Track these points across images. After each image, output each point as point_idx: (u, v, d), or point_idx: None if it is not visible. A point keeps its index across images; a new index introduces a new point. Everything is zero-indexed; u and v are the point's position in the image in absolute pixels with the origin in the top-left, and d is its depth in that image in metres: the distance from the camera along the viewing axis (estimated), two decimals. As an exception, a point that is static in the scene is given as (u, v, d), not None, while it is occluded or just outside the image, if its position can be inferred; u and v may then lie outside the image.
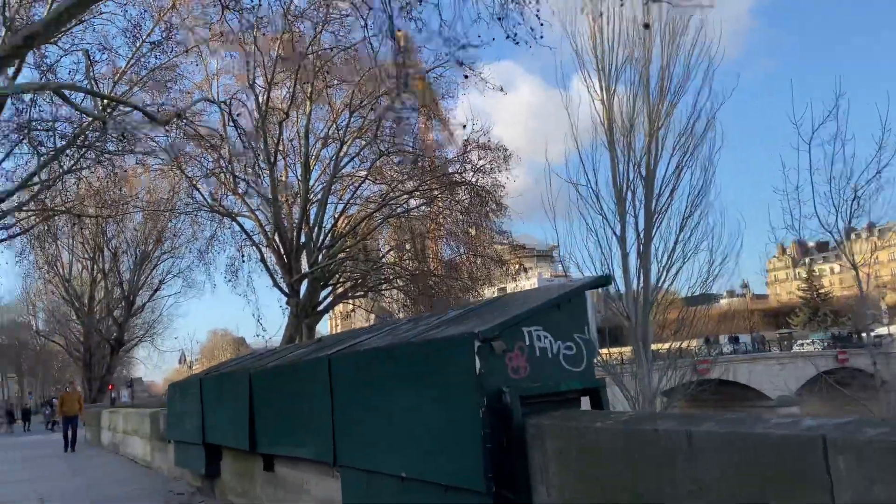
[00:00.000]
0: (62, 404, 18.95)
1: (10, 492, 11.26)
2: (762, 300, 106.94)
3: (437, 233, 27.87)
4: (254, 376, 6.65)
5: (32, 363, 79.51)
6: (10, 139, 18.35)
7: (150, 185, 27.40)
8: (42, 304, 60.49)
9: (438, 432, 3.74)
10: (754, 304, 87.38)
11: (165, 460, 11.20)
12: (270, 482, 6.74)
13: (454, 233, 27.63)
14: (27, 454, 19.49)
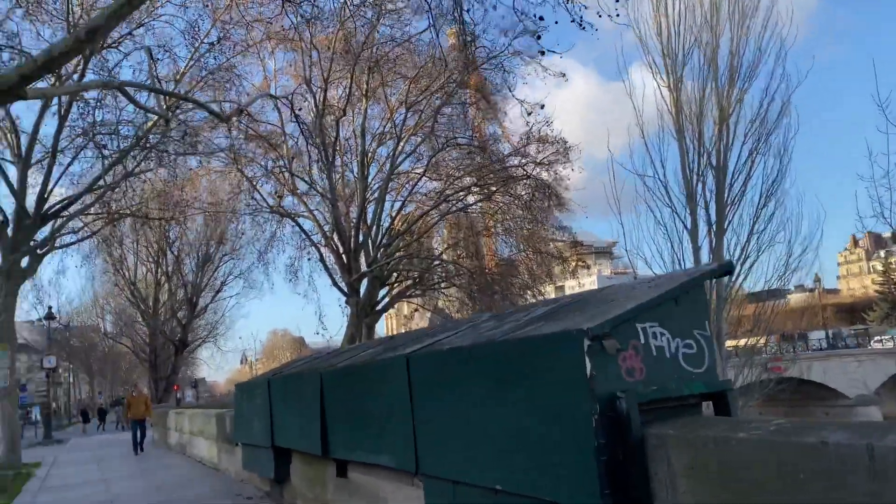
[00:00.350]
0: (129, 407, 18.89)
1: (84, 493, 11.35)
2: (833, 295, 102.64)
3: (495, 229, 27.42)
4: (325, 377, 6.35)
5: (102, 364, 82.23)
6: (76, 143, 18.74)
7: (211, 186, 27.76)
8: (109, 306, 62.44)
9: (540, 442, 3.32)
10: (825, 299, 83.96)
11: (233, 462, 11.08)
12: (343, 489, 6.45)
13: (511, 229, 27.13)
14: (99, 454, 19.90)
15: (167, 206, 23.87)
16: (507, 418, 3.58)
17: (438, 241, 28.86)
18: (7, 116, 19.25)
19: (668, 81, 22.27)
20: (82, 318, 69.38)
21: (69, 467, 16.46)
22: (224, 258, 50.42)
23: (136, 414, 18.30)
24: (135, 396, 19.34)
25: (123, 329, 59.83)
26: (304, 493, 7.51)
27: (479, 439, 3.85)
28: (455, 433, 4.12)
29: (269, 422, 7.97)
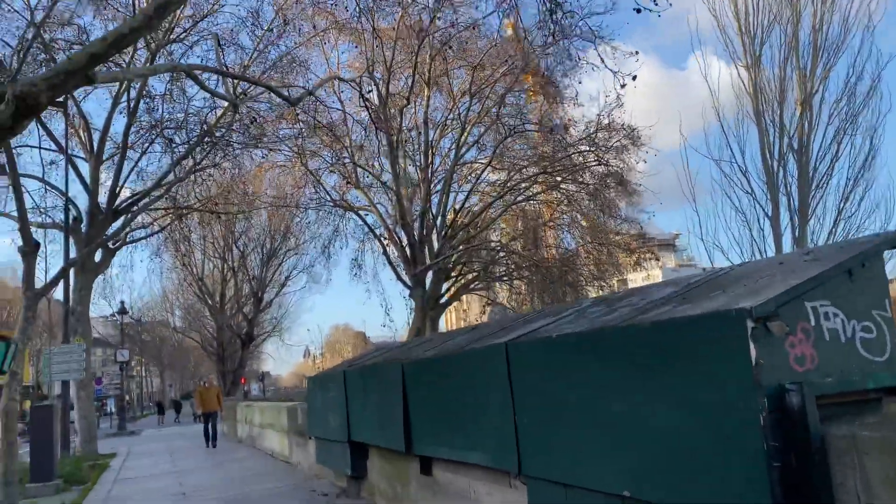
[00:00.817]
0: (200, 400, 18.45)
1: (158, 485, 11.32)
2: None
3: (560, 220, 26.69)
4: (407, 368, 5.95)
5: (172, 358, 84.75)
6: (145, 138, 18.99)
7: (275, 181, 27.88)
8: (178, 301, 64.13)
9: (687, 442, 2.81)
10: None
11: (305, 456, 10.87)
12: (428, 487, 6.04)
13: (576, 221, 26.35)
14: (171, 445, 20.16)
15: (233, 200, 24.02)
16: (640, 414, 3.08)
17: (499, 234, 28.30)
18: (79, 113, 19.66)
19: (745, 61, 21.12)
20: (153, 314, 71.48)
21: (143, 459, 16.66)
22: (288, 253, 51.15)
23: (208, 406, 18.00)
24: (206, 388, 19.00)
25: (192, 324, 61.40)
26: (384, 490, 7.15)
27: (601, 437, 3.36)
28: (568, 430, 3.64)
29: (345, 415, 7.64)
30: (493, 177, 23.50)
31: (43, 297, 10.10)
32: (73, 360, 15.51)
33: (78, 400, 18.49)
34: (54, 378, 15.46)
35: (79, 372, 15.61)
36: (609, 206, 24.32)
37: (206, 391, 18.68)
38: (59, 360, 15.57)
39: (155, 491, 10.72)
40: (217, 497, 9.25)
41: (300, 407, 11.36)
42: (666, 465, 2.93)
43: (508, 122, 21.18)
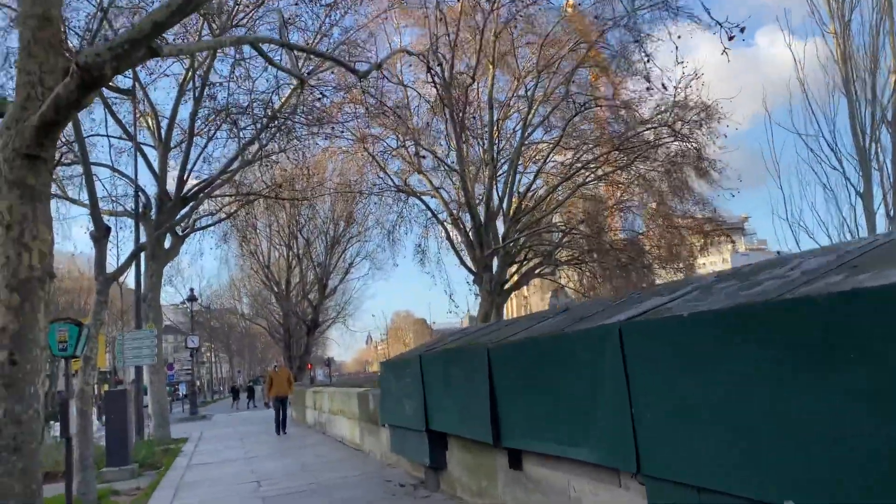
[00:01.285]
0: (271, 384, 17.69)
1: (230, 471, 11.20)
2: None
3: (629, 202, 25.70)
4: (494, 353, 5.46)
5: (240, 344, 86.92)
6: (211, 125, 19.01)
7: (338, 167, 27.78)
8: (245, 288, 65.49)
9: (882, 445, 2.22)
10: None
11: (378, 444, 10.54)
12: (518, 483, 5.55)
13: (645, 203, 25.34)
14: (241, 431, 20.29)
15: (297, 187, 23.98)
16: (816, 407, 2.49)
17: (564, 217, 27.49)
18: (146, 101, 19.85)
19: (833, 27, 19.74)
20: (221, 301, 73.29)
21: (214, 444, 16.73)
22: (351, 240, 51.44)
23: (279, 391, 17.35)
24: (277, 372, 18.18)
25: (259, 311, 62.61)
26: (466, 483, 6.69)
27: (754, 434, 2.78)
28: (707, 425, 3.07)
29: (422, 403, 7.22)
30: (559, 158, 22.71)
31: (114, 281, 10.05)
32: (145, 345, 15.63)
33: (151, 385, 18.81)
34: (127, 363, 15.63)
35: (151, 357, 15.72)
36: (682, 186, 23.26)
37: (276, 375, 17.96)
38: (132, 345, 15.72)
39: (227, 477, 10.58)
40: (290, 485, 8.99)
41: (371, 393, 11.05)
42: (854, 472, 2.34)
43: (577, 100, 20.35)
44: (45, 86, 6.24)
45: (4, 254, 5.88)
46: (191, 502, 8.63)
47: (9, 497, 5.16)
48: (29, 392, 5.48)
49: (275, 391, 17.45)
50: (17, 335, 5.56)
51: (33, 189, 5.99)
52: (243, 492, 9.01)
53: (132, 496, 10.07)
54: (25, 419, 5.37)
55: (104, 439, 12.66)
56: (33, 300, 5.74)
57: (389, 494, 7.57)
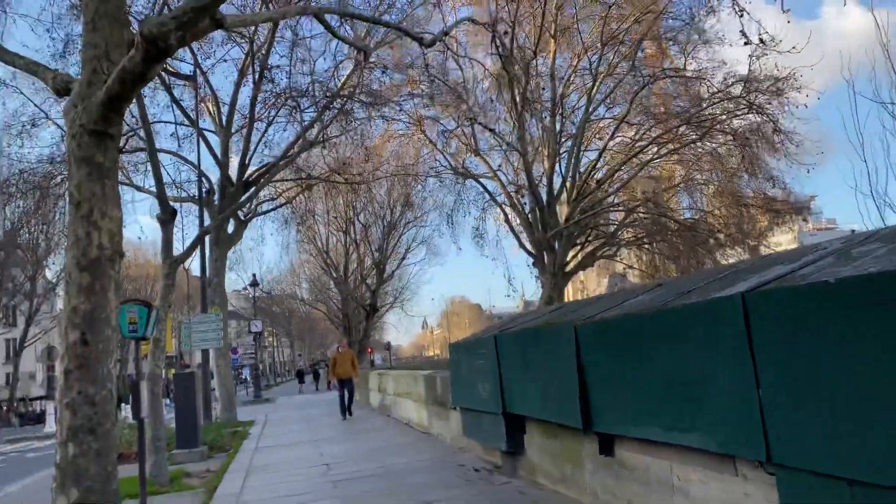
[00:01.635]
0: (334, 366, 17.11)
1: (298, 454, 11.13)
2: None
3: (696, 180, 24.69)
4: (582, 331, 5.07)
5: (300, 329, 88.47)
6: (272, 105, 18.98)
7: (396, 151, 27.56)
8: (305, 274, 66.43)
9: None
10: None
11: (447, 428, 10.29)
12: (609, 470, 5.16)
13: (713, 180, 24.30)
14: (306, 414, 20.41)
15: (356, 171, 23.86)
16: None
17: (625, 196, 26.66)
18: (207, 86, 19.96)
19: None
20: (281, 287, 74.57)
21: (280, 427, 16.82)
22: (408, 225, 51.54)
23: (343, 373, 16.76)
24: (340, 354, 17.59)
25: (318, 295, 63.47)
26: (548, 469, 6.34)
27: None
28: (863, 405, 2.63)
29: (498, 385, 6.88)
30: (621, 136, 21.90)
31: (181, 264, 10.05)
32: (210, 328, 15.77)
33: (217, 368, 19.05)
34: (194, 346, 15.80)
35: (217, 341, 15.86)
36: (752, 161, 22.17)
37: (339, 356, 17.38)
38: (199, 329, 15.88)
39: (296, 460, 10.50)
40: (361, 469, 8.81)
41: (438, 376, 10.79)
42: None
43: (644, 72, 19.52)
44: (111, 60, 6.11)
45: (74, 233, 5.78)
46: (261, 485, 8.54)
47: (85, 478, 5.06)
48: (102, 373, 5.36)
49: (338, 373, 16.91)
50: (89, 315, 5.45)
51: (101, 166, 5.86)
52: (313, 475, 8.88)
53: (203, 478, 10.09)
54: (99, 400, 5.26)
55: (173, 422, 12.81)
56: (103, 280, 5.62)
57: (464, 480, 7.27)
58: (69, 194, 5.87)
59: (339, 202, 52.77)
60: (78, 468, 5.02)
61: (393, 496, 6.86)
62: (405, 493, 6.94)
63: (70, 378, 5.17)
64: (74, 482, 4.97)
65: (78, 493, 4.97)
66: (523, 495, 6.20)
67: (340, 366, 16.94)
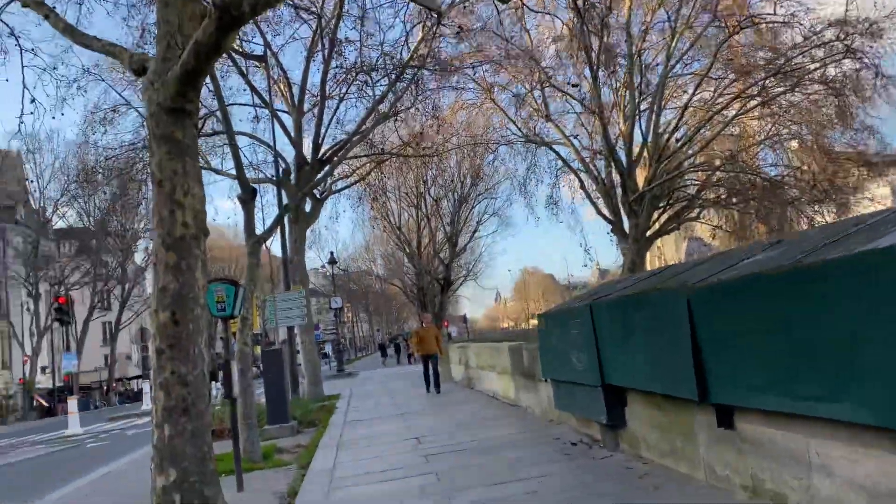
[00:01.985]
0: (418, 342, 16.56)
1: (387, 429, 11.08)
2: None
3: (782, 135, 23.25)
4: (696, 297, 4.64)
5: (377, 304, 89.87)
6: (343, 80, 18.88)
7: (466, 120, 27.10)
8: (379, 250, 67.17)
9: None
10: None
11: (535, 400, 9.99)
12: (728, 444, 4.74)
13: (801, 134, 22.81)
14: (389, 387, 20.54)
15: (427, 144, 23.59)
16: None
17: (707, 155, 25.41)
18: (278, 65, 20.03)
19: None
20: (357, 263, 75.75)
21: (366, 401, 16.93)
22: (479, 197, 51.18)
23: (427, 349, 16.18)
24: (424, 329, 17.02)
25: (393, 271, 64.13)
26: (655, 443, 5.95)
27: None
28: None
29: (595, 355, 6.52)
30: (706, 89, 20.74)
31: (264, 242, 10.06)
32: (294, 306, 15.93)
33: (302, 345, 19.33)
34: (280, 323, 16.00)
35: (301, 317, 16.02)
36: (847, 111, 20.64)
37: (423, 332, 16.79)
38: (283, 306, 16.07)
39: (385, 434, 10.44)
40: (452, 443, 8.64)
41: (525, 347, 10.48)
42: None
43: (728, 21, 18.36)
44: (184, 34, 5.97)
45: (159, 213, 5.71)
46: (353, 460, 8.48)
47: (182, 459, 5.02)
48: (193, 352, 5.29)
49: (423, 349, 16.41)
50: (178, 294, 5.37)
51: (181, 143, 5.75)
52: (404, 449, 8.77)
53: (295, 453, 10.16)
54: (192, 380, 5.19)
55: (261, 398, 13.02)
56: (190, 259, 5.53)
57: (562, 454, 6.98)
58: (151, 174, 5.81)
59: (410, 177, 52.87)
60: (174, 449, 4.98)
61: (491, 471, 6.63)
62: (503, 468, 6.70)
63: (162, 358, 5.12)
64: (172, 463, 4.93)
65: (176, 474, 4.93)
66: (630, 469, 5.85)
67: (425, 342, 16.38)
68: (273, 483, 8.01)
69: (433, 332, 16.82)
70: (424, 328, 17.21)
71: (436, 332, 16.99)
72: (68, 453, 17.07)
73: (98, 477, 10.86)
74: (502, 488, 5.90)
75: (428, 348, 16.30)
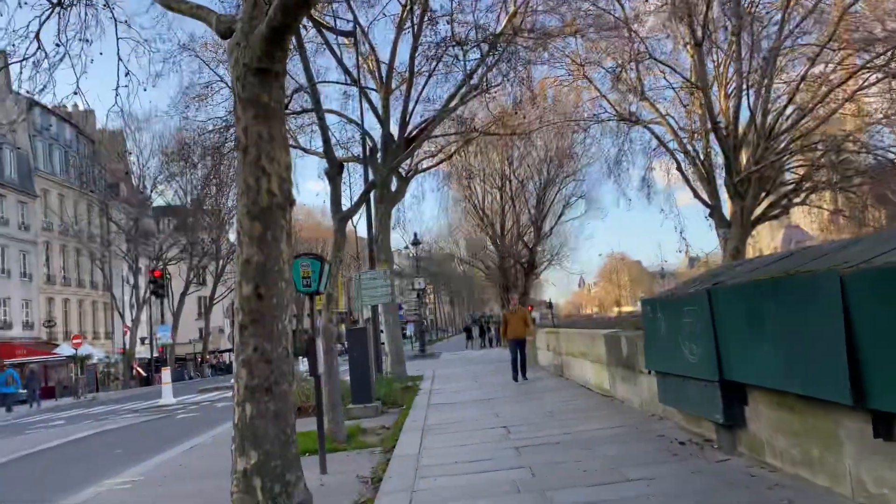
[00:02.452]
0: (506, 325, 15.82)
1: (473, 415, 10.67)
2: None
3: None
4: (853, 282, 3.91)
5: (459, 286, 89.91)
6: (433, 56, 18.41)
7: (555, 98, 26.16)
8: (462, 232, 66.88)
9: None
10: None
11: (635, 393, 9.30)
12: (886, 457, 4.01)
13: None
14: (472, 370, 20.18)
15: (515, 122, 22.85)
16: None
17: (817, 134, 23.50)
18: (367, 42, 19.78)
19: None
20: (440, 245, 75.87)
21: (449, 383, 16.59)
22: (566, 179, 50.01)
23: (515, 332, 15.25)
24: (512, 312, 16.07)
25: (476, 254, 63.74)
26: (784, 449, 5.22)
27: None
28: None
29: (712, 347, 5.82)
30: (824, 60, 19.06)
31: (350, 218, 9.74)
32: (379, 284, 15.71)
33: (386, 324, 19.14)
34: (365, 302, 15.84)
35: (386, 296, 15.79)
36: None
37: (511, 315, 15.87)
38: (368, 285, 15.89)
39: (471, 420, 10.02)
40: (544, 435, 8.10)
41: (623, 336, 9.79)
42: None
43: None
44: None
45: (244, 181, 5.37)
46: (439, 447, 8.09)
47: (264, 441, 4.71)
48: (277, 329, 4.96)
49: (511, 333, 15.46)
50: (262, 267, 5.03)
51: (267, 107, 5.39)
52: (492, 438, 8.30)
53: (379, 435, 9.89)
54: (275, 358, 4.85)
55: (346, 376, 12.84)
56: (275, 230, 5.18)
57: (669, 454, 6.33)
58: (236, 140, 5.51)
59: (495, 158, 52.12)
60: (256, 430, 4.67)
61: (590, 469, 6.06)
62: (603, 466, 6.13)
63: (245, 334, 4.80)
64: (253, 445, 4.62)
65: (257, 457, 4.62)
66: (754, 478, 5.15)
67: (512, 325, 15.50)
68: (357, 466, 7.72)
69: (521, 315, 15.88)
70: (512, 311, 16.27)
71: (524, 315, 16.03)
72: (159, 423, 17.57)
73: (179, 452, 10.92)
74: (607, 490, 5.33)
75: (517, 332, 15.38)
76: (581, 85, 25.50)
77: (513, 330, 15.33)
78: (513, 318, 15.61)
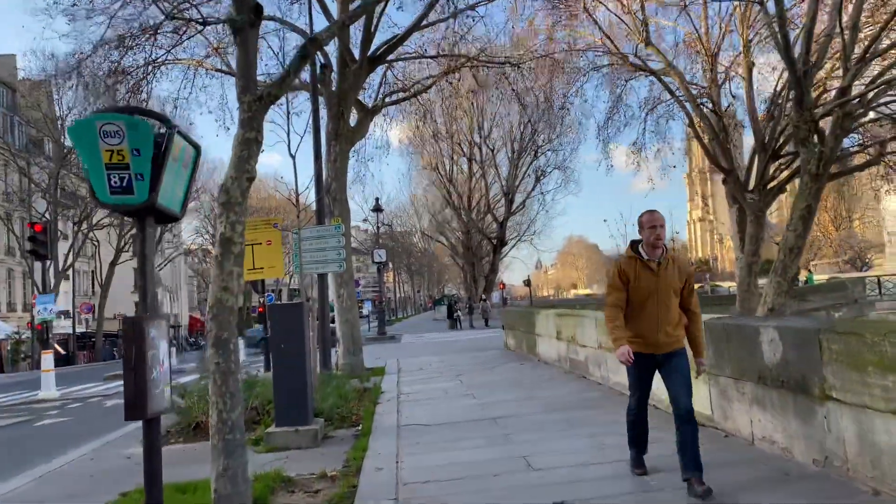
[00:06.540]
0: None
1: (484, 454, 6.32)
2: None
3: None
4: None
5: (419, 264, 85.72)
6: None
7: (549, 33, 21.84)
8: (425, 205, 62.50)
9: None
10: None
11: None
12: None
13: None
14: (455, 362, 15.74)
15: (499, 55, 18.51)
16: None
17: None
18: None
19: None
20: (401, 220, 71.46)
21: (422, 380, 12.20)
22: (542, 148, 46.06)
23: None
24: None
25: (439, 228, 59.45)
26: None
27: None
28: None
29: None
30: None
31: (272, 104, 5.29)
32: (329, 245, 11.27)
33: (339, 301, 14.39)
34: (306, 269, 11.32)
35: (338, 262, 11.33)
36: None
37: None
38: (312, 246, 11.43)
39: (478, 465, 5.69)
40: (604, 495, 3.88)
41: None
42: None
43: None
44: None
45: None
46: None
47: None
48: None
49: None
50: None
51: None
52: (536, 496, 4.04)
53: (315, 495, 5.52)
54: None
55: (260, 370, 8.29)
56: None
57: None
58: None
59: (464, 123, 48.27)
60: None
61: None
62: None
63: None
64: None
65: None
66: None
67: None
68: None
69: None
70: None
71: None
72: (7, 433, 12.55)
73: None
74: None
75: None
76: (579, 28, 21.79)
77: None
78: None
